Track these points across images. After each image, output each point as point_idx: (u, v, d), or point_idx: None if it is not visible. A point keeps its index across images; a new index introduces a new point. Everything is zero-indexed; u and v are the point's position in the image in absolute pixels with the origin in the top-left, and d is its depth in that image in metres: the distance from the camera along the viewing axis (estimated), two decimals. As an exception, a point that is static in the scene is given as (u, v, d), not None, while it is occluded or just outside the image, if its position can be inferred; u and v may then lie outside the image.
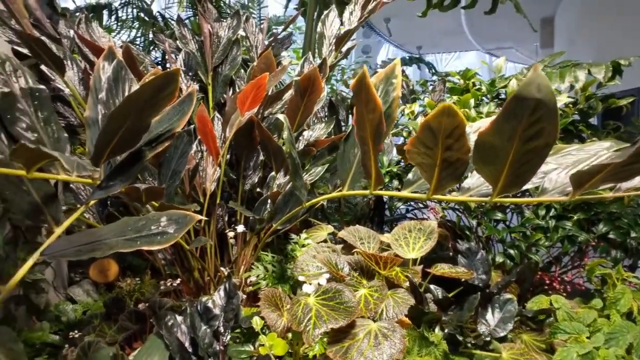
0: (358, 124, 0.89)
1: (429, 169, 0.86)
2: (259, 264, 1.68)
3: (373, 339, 1.16)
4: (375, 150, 0.91)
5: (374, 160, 0.94)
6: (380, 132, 0.85)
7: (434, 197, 0.94)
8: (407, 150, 0.84)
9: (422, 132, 0.77)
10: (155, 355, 1.34)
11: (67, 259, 0.74)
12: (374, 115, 0.82)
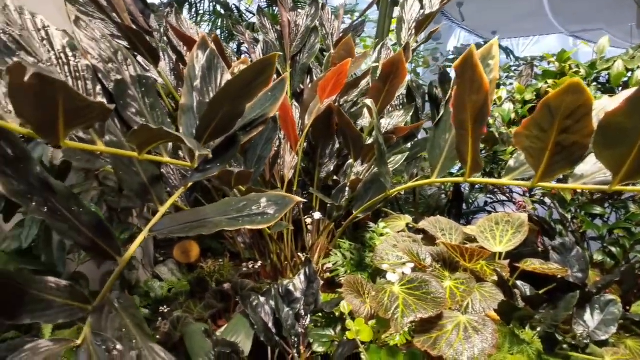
0: (457, 107, 0.85)
1: (537, 154, 0.80)
2: (337, 251, 1.68)
3: (462, 332, 1.11)
4: (475, 135, 0.86)
5: (472, 145, 0.89)
6: (484, 115, 0.80)
7: (540, 184, 0.88)
8: (516, 134, 0.78)
9: (540, 112, 0.71)
10: (242, 333, 1.39)
11: (175, 235, 0.78)
12: (478, 96, 0.77)
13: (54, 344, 0.61)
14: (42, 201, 0.67)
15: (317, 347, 1.37)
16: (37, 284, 0.64)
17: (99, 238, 0.76)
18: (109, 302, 0.70)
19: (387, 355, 1.10)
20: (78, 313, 0.68)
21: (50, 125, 0.60)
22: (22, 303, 0.62)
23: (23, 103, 0.54)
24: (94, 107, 0.56)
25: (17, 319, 0.62)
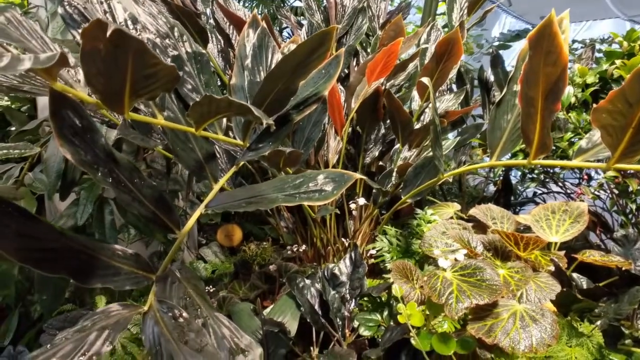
0: (527, 81, 0.80)
1: (617, 132, 0.74)
2: (383, 237, 1.65)
3: (519, 321, 1.07)
4: (546, 112, 0.81)
5: (540, 124, 0.83)
6: (559, 89, 0.75)
7: (617, 166, 0.81)
8: (596, 109, 0.73)
9: (630, 84, 0.65)
10: (288, 314, 1.40)
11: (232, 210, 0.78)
12: (553, 68, 0.72)
13: (123, 308, 0.62)
14: (107, 172, 0.69)
15: (363, 330, 1.35)
16: (106, 251, 0.66)
17: (160, 211, 0.77)
18: (171, 273, 0.71)
19: (439, 341, 1.07)
20: (143, 281, 0.69)
21: (117, 94, 0.60)
22: (93, 268, 0.64)
23: (93, 69, 0.55)
24: (162, 72, 0.56)
25: (89, 283, 0.64)
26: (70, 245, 0.59)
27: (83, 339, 0.55)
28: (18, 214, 0.53)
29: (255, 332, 1.38)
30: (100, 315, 0.60)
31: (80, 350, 0.53)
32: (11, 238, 0.51)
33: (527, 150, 0.93)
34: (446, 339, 1.08)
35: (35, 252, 0.54)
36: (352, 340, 1.40)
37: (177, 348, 0.54)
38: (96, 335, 0.55)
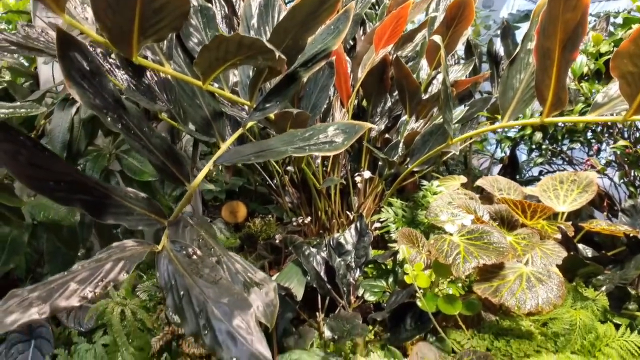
0: (544, 31, 0.78)
1: (636, 81, 0.73)
2: (388, 208, 1.65)
3: (525, 282, 1.07)
4: (562, 63, 0.79)
5: (556, 77, 0.82)
6: (578, 37, 0.73)
7: (633, 118, 0.80)
8: (616, 54, 0.71)
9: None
10: (294, 280, 1.41)
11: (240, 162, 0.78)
12: (573, 14, 0.70)
13: (138, 245, 0.63)
14: (116, 118, 0.69)
15: (368, 296, 1.37)
16: (119, 192, 0.67)
17: (169, 161, 0.77)
18: (183, 219, 0.71)
19: (445, 302, 1.08)
20: (155, 224, 0.70)
21: (126, 32, 0.60)
22: (106, 205, 0.64)
23: (102, 4, 0.54)
24: (172, 3, 0.55)
25: (103, 218, 0.64)
26: (84, 180, 0.60)
27: (99, 267, 0.56)
28: (30, 144, 0.53)
29: (261, 297, 1.39)
30: (115, 249, 0.61)
31: (98, 277, 0.54)
32: (23, 165, 0.51)
33: (542, 108, 0.92)
34: (452, 300, 1.09)
35: (48, 183, 0.55)
36: (357, 306, 1.41)
37: (192, 282, 0.55)
38: (112, 265, 0.56)
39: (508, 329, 1.15)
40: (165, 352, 1.49)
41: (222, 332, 0.50)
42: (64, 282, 0.53)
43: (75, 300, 0.51)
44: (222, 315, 0.51)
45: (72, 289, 0.52)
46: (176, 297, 0.56)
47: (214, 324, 0.51)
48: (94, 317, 1.55)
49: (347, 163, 2.01)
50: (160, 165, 0.75)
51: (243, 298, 0.53)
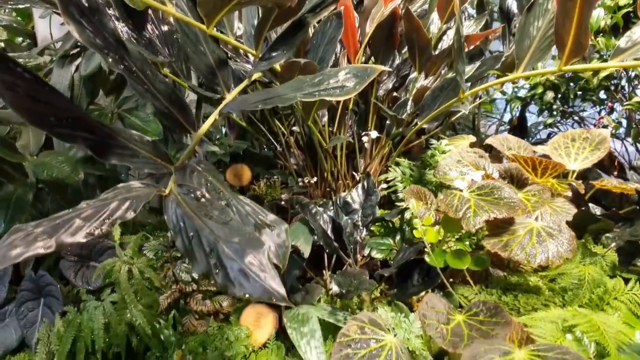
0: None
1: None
2: (396, 168, 1.63)
3: (536, 237, 1.06)
4: (586, 3, 0.75)
5: (577, 19, 0.78)
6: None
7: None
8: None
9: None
10: (301, 238, 1.41)
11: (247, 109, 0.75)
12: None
13: (145, 186, 0.61)
14: (118, 59, 0.66)
15: (375, 253, 1.36)
16: (124, 133, 0.64)
17: (174, 108, 0.74)
18: (190, 165, 0.69)
19: (453, 257, 1.07)
20: (162, 168, 0.68)
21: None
22: (110, 145, 0.62)
23: None
24: None
25: (107, 158, 0.63)
26: (87, 119, 0.57)
27: (105, 206, 0.54)
28: (29, 76, 0.50)
29: (268, 254, 1.39)
30: (121, 190, 0.59)
31: (104, 215, 0.52)
32: (21, 97, 0.48)
33: (559, 56, 0.88)
34: (461, 255, 1.08)
35: (49, 118, 0.52)
36: (364, 263, 1.41)
37: (202, 223, 0.53)
38: (118, 204, 0.54)
39: (516, 284, 1.15)
40: (174, 309, 1.51)
41: (234, 269, 0.49)
42: (69, 218, 0.52)
43: (81, 236, 0.50)
44: (234, 253, 0.50)
45: (78, 225, 0.50)
46: (185, 239, 0.55)
47: (225, 263, 0.50)
48: (102, 275, 1.56)
49: (353, 124, 1.98)
50: (165, 111, 0.72)
51: (255, 237, 0.52)
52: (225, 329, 1.32)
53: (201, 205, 0.58)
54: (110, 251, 1.65)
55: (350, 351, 0.83)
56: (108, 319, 1.42)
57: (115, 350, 1.44)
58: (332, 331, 1.19)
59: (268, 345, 1.25)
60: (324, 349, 1.05)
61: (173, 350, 1.36)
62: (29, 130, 1.50)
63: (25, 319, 1.51)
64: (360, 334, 0.86)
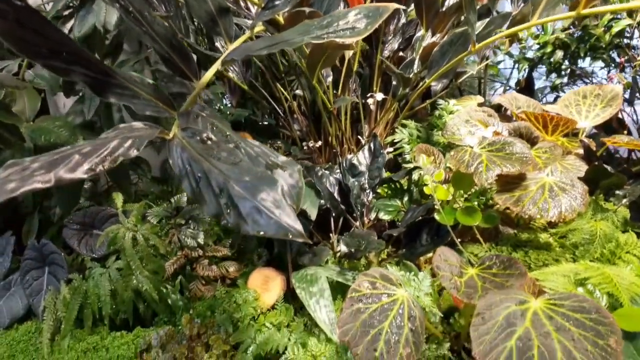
0: None
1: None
2: (402, 129, 1.59)
3: (548, 192, 1.03)
4: None
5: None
6: None
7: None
8: None
9: None
10: (307, 201, 1.38)
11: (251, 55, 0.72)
12: None
13: (147, 127, 0.58)
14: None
15: (382, 215, 1.34)
16: (123, 74, 0.61)
17: (175, 53, 0.71)
18: (193, 111, 0.66)
19: (463, 214, 1.05)
20: (164, 112, 0.65)
21: None
22: (109, 84, 0.59)
23: None
24: None
25: (105, 95, 0.59)
26: (85, 54, 0.54)
27: (105, 143, 0.51)
28: (19, 3, 0.46)
29: (274, 217, 1.38)
30: (122, 130, 0.56)
31: (105, 151, 0.49)
32: (11, 23, 0.45)
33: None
34: (471, 212, 1.06)
35: (42, 49, 0.49)
36: (371, 225, 1.40)
37: (210, 165, 0.50)
38: (120, 142, 0.51)
39: (526, 241, 1.14)
40: (180, 275, 1.51)
41: (247, 207, 0.47)
42: (68, 154, 0.49)
43: (80, 171, 0.47)
44: (245, 191, 0.47)
45: (77, 160, 0.47)
46: (193, 182, 0.52)
47: (236, 201, 0.47)
48: (106, 243, 1.55)
49: (357, 88, 1.93)
50: (165, 56, 0.69)
51: (267, 175, 0.49)
52: (233, 293, 1.31)
53: (208, 148, 0.55)
54: (113, 219, 1.63)
55: (361, 305, 0.82)
56: (114, 285, 1.41)
57: (122, 317, 1.44)
58: (341, 292, 1.18)
59: (277, 307, 1.24)
60: (333, 308, 1.05)
61: (181, 314, 1.36)
62: (24, 96, 1.45)
63: (30, 287, 1.51)
64: (372, 289, 0.84)
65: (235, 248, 1.63)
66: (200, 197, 0.50)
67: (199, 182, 0.51)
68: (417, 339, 0.77)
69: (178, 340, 1.19)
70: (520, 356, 0.59)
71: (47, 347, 1.36)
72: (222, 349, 1.11)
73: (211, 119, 0.64)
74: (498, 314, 0.65)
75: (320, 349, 1.00)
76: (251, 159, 0.54)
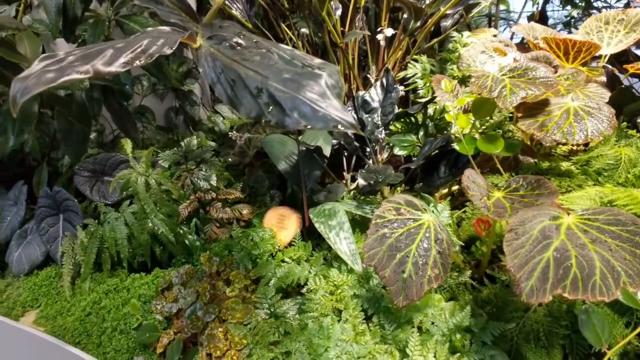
0: None
1: None
2: (415, 64, 1.54)
3: (573, 116, 1.00)
4: None
5: None
6: None
7: None
8: None
9: None
10: (320, 139, 1.36)
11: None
12: None
13: (176, 31, 0.55)
14: None
15: (398, 150, 1.32)
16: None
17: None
18: (215, 24, 0.62)
19: (485, 142, 1.03)
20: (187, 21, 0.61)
21: None
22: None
23: None
24: None
25: None
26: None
27: (137, 41, 0.48)
28: None
29: (288, 156, 1.36)
30: (151, 32, 0.52)
31: (138, 48, 0.46)
32: None
33: None
34: (493, 139, 1.03)
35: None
36: (386, 161, 1.38)
37: (244, 68, 0.47)
38: (151, 40, 0.48)
39: (547, 170, 1.12)
40: (194, 218, 1.51)
41: (290, 102, 0.44)
42: (101, 49, 0.46)
43: (117, 65, 0.44)
44: (287, 87, 0.44)
45: (112, 54, 0.44)
46: (227, 87, 0.48)
47: (278, 98, 0.44)
48: (118, 189, 1.54)
49: (364, 25, 1.85)
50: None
51: (308, 71, 0.46)
52: (250, 232, 1.32)
53: (238, 53, 0.51)
54: (123, 165, 1.62)
55: (387, 231, 0.82)
56: (130, 229, 1.42)
57: (139, 260, 1.46)
58: (358, 226, 1.18)
59: (294, 244, 1.25)
60: (353, 239, 1.05)
61: (199, 254, 1.37)
62: (25, 40, 1.39)
63: (47, 234, 1.52)
64: (397, 214, 0.84)
65: (247, 192, 1.62)
66: (236, 101, 0.48)
67: (234, 87, 0.48)
68: (445, 260, 0.77)
69: (199, 277, 1.21)
70: (558, 266, 0.59)
71: (69, 289, 1.38)
72: (244, 283, 1.13)
73: (235, 29, 0.60)
74: (532, 228, 0.64)
75: (342, 278, 1.01)
76: (286, 62, 0.51)
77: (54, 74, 0.40)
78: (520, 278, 0.60)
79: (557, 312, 0.81)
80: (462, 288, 0.98)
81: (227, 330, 0.96)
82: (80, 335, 1.22)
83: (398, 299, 0.75)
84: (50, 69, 0.41)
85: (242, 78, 0.48)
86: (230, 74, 0.48)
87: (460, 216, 1.15)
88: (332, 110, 0.43)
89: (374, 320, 0.91)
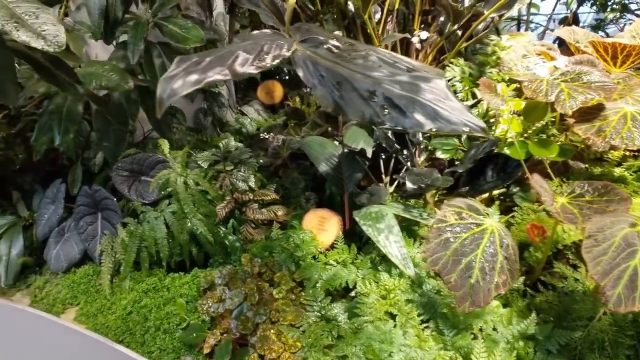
0: None
1: None
2: (453, 67, 1.53)
3: (631, 121, 0.99)
4: None
5: None
6: None
7: None
8: None
9: None
10: (361, 141, 1.36)
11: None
12: None
13: (276, 34, 0.55)
14: None
15: (440, 153, 1.32)
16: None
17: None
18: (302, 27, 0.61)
19: (537, 147, 1.02)
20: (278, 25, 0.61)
21: None
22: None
23: None
24: None
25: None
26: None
27: (257, 44, 0.48)
28: None
29: (329, 158, 1.36)
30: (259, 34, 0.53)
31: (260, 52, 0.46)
32: None
33: None
34: (546, 144, 1.02)
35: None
36: (427, 165, 1.37)
37: (349, 70, 0.47)
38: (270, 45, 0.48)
39: (600, 176, 1.11)
40: (231, 218, 1.51)
41: (410, 105, 0.43)
42: (231, 51, 0.46)
43: (251, 67, 0.44)
44: (405, 90, 0.44)
45: (244, 57, 0.45)
46: (333, 90, 0.48)
47: (396, 100, 0.44)
48: (156, 189, 1.55)
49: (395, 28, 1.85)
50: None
51: (424, 73, 0.46)
52: (290, 233, 1.32)
53: (338, 56, 0.51)
54: (160, 165, 1.62)
55: (449, 235, 0.81)
56: (170, 228, 1.42)
57: (177, 259, 1.46)
58: (404, 229, 1.17)
59: (336, 246, 1.24)
60: (403, 243, 1.04)
61: (238, 255, 1.37)
62: (70, 40, 1.40)
63: (85, 232, 1.53)
64: (459, 218, 0.83)
65: (280, 193, 1.62)
66: (343, 104, 0.47)
67: (341, 89, 0.47)
68: (512, 266, 0.76)
69: (242, 278, 1.21)
70: (645, 273, 0.58)
71: (108, 288, 1.39)
72: (290, 285, 1.13)
73: (321, 31, 0.60)
74: (613, 235, 0.64)
75: (394, 282, 1.00)
76: (390, 65, 0.50)
77: (197, 76, 0.41)
78: (605, 286, 0.59)
79: (622, 322, 0.80)
80: (515, 294, 0.97)
81: (279, 332, 0.96)
82: (123, 333, 1.23)
83: (464, 304, 0.75)
84: (192, 70, 0.41)
85: (348, 81, 0.48)
86: (335, 77, 0.48)
87: (508, 221, 1.14)
88: (457, 113, 0.43)
89: (431, 325, 0.91)
